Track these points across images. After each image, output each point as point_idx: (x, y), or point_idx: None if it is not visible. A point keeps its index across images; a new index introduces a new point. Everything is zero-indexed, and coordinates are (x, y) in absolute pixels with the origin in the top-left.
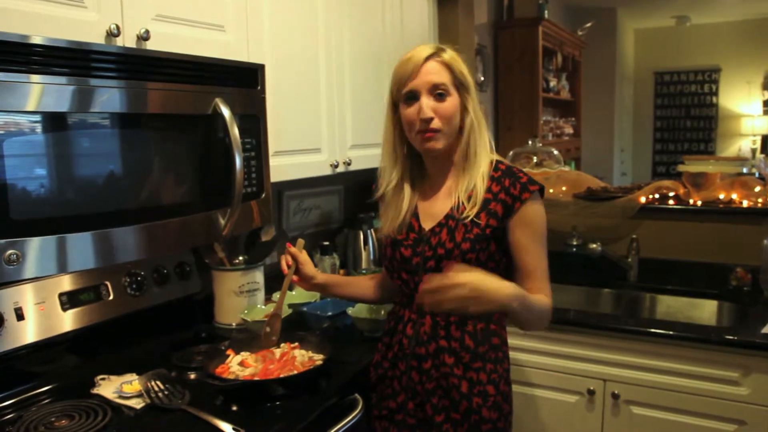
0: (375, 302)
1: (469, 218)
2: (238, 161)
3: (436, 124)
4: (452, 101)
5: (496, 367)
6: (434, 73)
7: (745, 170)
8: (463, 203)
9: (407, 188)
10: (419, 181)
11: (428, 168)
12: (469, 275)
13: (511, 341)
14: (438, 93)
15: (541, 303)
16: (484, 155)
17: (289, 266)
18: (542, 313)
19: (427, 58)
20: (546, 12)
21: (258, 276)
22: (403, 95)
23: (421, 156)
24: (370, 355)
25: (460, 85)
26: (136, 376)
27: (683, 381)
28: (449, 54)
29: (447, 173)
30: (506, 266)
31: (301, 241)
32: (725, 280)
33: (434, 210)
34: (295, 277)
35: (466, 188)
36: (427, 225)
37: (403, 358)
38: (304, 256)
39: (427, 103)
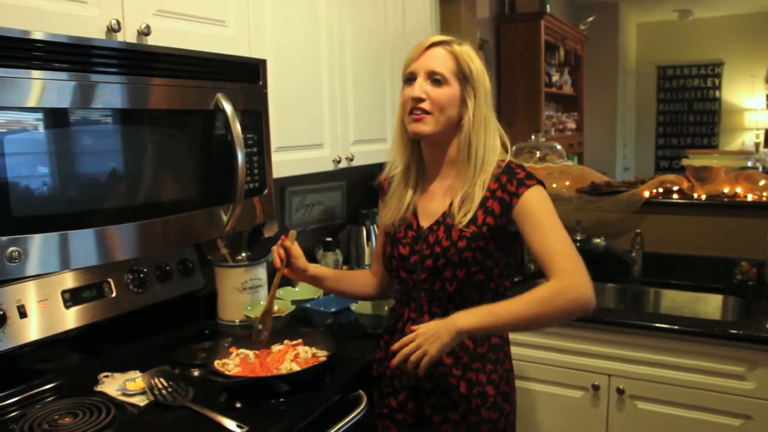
0: (373, 298)
1: (460, 225)
2: (240, 157)
3: (426, 105)
4: (448, 90)
5: (496, 368)
6: (436, 58)
7: (749, 164)
8: (456, 210)
9: (411, 181)
10: (422, 178)
11: (426, 162)
12: (419, 326)
13: (515, 337)
14: (435, 79)
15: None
16: (490, 161)
17: (282, 260)
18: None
19: (435, 44)
20: (548, 6)
21: (261, 272)
22: (404, 77)
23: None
24: (374, 352)
25: (464, 78)
26: (140, 374)
27: (688, 376)
28: (463, 47)
29: (446, 170)
30: (507, 264)
31: (293, 233)
32: (730, 275)
33: (432, 208)
34: (285, 270)
35: (463, 195)
36: (425, 223)
37: None
38: (296, 249)
39: (420, 84)
